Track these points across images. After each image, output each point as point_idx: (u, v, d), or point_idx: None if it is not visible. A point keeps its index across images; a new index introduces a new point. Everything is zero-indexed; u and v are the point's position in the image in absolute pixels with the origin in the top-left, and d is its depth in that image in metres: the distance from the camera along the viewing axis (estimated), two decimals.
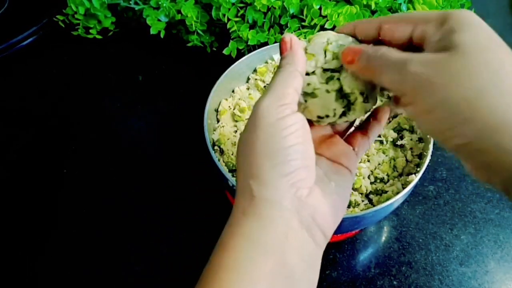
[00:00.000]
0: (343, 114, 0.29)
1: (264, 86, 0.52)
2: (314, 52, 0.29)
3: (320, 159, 0.29)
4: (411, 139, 0.47)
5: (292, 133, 0.25)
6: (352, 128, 0.34)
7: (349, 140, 0.32)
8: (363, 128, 0.33)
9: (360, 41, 0.29)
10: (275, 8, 0.60)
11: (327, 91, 0.28)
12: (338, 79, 0.29)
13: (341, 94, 0.29)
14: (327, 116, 0.29)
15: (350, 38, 0.30)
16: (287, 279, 0.23)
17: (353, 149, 0.31)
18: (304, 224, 0.25)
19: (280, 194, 0.24)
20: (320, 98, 0.28)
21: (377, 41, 0.28)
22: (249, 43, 0.61)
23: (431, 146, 0.43)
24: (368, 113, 0.32)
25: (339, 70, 0.29)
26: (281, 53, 0.28)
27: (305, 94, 0.29)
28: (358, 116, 0.30)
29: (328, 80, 0.28)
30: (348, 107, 0.29)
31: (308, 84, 0.28)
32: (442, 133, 0.23)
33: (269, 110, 0.25)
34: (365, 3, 0.59)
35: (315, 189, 0.26)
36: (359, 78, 0.28)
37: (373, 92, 0.29)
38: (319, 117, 0.29)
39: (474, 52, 0.22)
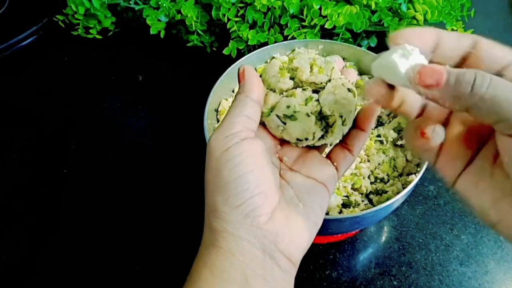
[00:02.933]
0: (322, 137, 0.29)
1: None
2: (300, 65, 0.29)
3: (294, 177, 0.28)
4: None
5: (239, 162, 0.25)
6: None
7: (329, 155, 0.31)
8: (344, 140, 0.31)
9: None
10: (275, 8, 0.60)
11: (307, 115, 0.28)
12: (317, 100, 0.28)
13: (320, 117, 0.28)
14: (306, 139, 0.29)
15: (336, 57, 0.30)
16: None
17: (333, 164, 0.30)
18: (267, 251, 0.25)
19: (236, 226, 0.24)
20: (300, 121, 0.28)
21: None
22: (249, 43, 0.61)
23: None
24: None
25: (318, 90, 0.29)
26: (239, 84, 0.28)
27: (285, 117, 0.28)
28: (335, 139, 0.29)
29: (307, 101, 0.28)
30: (326, 129, 0.29)
31: (288, 106, 0.28)
32: None
33: (216, 143, 0.25)
34: (365, 3, 0.59)
35: (277, 214, 0.25)
36: (338, 101, 0.28)
37: (350, 115, 0.29)
38: (298, 139, 0.29)
39: None
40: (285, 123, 0.28)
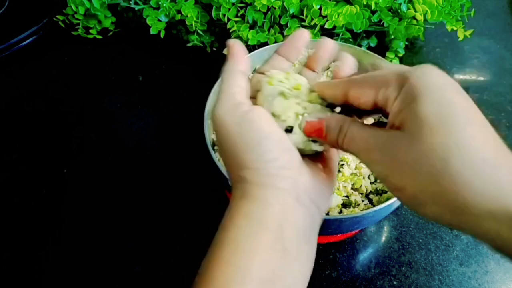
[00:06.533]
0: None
1: None
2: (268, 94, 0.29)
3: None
4: None
5: (262, 124, 0.26)
6: None
7: None
8: None
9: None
10: (275, 8, 0.60)
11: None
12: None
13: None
14: None
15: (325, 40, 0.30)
16: (285, 252, 0.25)
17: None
18: (299, 200, 0.26)
19: (273, 178, 0.26)
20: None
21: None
22: (249, 43, 0.61)
23: None
24: None
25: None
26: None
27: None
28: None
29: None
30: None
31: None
32: (414, 206, 0.23)
33: (227, 113, 0.27)
34: (365, 3, 0.59)
35: (304, 168, 0.27)
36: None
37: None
38: None
39: (429, 127, 0.21)
40: None
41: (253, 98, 0.30)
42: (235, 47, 0.30)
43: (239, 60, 0.29)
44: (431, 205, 0.22)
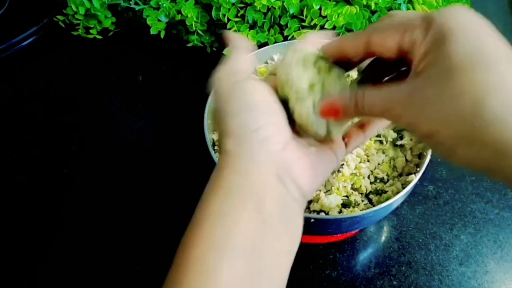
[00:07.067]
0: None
1: None
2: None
3: (308, 138, 0.29)
4: (411, 139, 0.47)
5: (252, 92, 0.26)
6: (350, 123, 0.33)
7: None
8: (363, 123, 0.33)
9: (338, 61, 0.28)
10: (275, 8, 0.61)
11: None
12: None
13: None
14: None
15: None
16: (265, 225, 0.24)
17: (344, 139, 0.31)
18: (279, 177, 0.26)
19: (253, 149, 0.25)
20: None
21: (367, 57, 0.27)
22: None
23: None
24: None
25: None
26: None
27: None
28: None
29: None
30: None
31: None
32: (445, 152, 0.22)
33: (225, 78, 0.28)
34: (365, 3, 0.59)
35: (291, 146, 0.27)
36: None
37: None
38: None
39: (458, 68, 0.20)
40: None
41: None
42: (232, 34, 0.31)
43: (241, 40, 0.31)
44: (463, 149, 0.21)
